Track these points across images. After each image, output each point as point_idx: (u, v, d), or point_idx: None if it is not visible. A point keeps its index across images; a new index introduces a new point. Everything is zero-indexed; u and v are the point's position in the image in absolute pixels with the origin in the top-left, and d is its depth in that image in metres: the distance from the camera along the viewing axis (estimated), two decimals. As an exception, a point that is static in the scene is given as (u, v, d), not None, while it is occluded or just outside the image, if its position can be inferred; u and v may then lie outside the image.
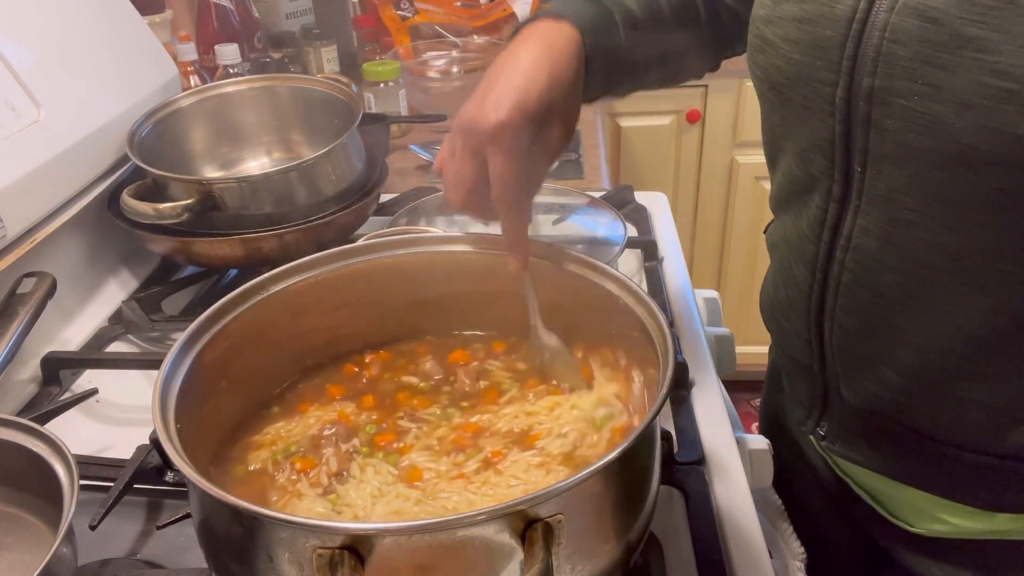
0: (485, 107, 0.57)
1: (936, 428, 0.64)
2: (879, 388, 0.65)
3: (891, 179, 0.57)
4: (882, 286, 0.61)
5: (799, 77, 0.60)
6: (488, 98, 0.57)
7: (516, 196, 0.58)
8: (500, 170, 0.57)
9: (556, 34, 0.62)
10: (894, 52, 0.53)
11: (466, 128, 0.58)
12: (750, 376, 1.50)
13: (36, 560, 0.52)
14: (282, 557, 0.45)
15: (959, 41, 0.50)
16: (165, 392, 0.53)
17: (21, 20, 0.94)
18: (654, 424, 0.52)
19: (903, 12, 0.52)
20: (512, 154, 0.57)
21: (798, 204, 0.66)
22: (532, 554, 0.42)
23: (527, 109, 0.57)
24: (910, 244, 0.58)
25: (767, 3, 0.62)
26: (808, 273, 0.66)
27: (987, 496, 0.66)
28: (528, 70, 0.59)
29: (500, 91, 0.58)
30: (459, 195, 0.59)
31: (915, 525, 0.72)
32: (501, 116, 0.56)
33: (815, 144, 0.61)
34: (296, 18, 1.74)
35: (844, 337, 0.66)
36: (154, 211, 0.90)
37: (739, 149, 2.09)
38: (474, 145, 0.57)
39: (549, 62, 0.60)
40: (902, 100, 0.54)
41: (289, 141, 1.13)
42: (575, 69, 0.62)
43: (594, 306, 0.63)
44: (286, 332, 0.66)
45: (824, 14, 0.57)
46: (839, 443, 0.72)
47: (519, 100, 0.57)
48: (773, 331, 0.78)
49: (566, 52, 0.62)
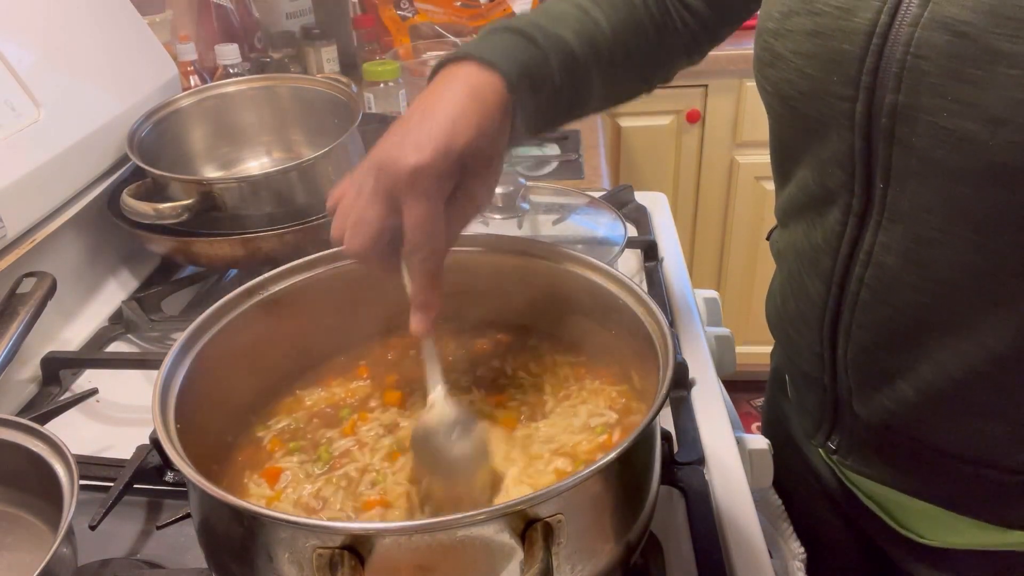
0: (405, 146, 0.51)
1: (953, 444, 0.63)
2: (894, 404, 0.64)
3: (915, 196, 0.55)
4: (902, 303, 0.59)
5: (813, 92, 0.58)
6: (409, 137, 0.52)
7: (434, 248, 0.52)
8: (417, 218, 0.51)
9: (484, 83, 0.56)
10: (920, 67, 0.51)
11: (380, 167, 0.52)
12: (750, 376, 1.50)
13: (36, 560, 0.52)
14: (282, 557, 0.45)
15: (991, 56, 0.48)
16: (165, 392, 0.53)
17: (21, 20, 0.94)
18: (654, 424, 0.52)
19: (930, 26, 0.50)
20: (432, 201, 0.51)
21: (812, 216, 0.65)
22: (532, 554, 0.42)
23: (452, 154, 0.51)
24: (934, 262, 0.56)
25: (775, 16, 0.60)
26: (823, 287, 0.65)
27: (1005, 513, 0.65)
28: (455, 111, 0.53)
29: (424, 131, 0.52)
30: (359, 242, 0.53)
31: (926, 537, 0.71)
32: (424, 158, 0.50)
33: (833, 158, 0.59)
34: (296, 18, 1.74)
35: (859, 353, 0.64)
36: (154, 211, 0.90)
37: (739, 149, 2.09)
38: (388, 187, 0.51)
39: (477, 108, 0.54)
40: (929, 116, 0.52)
41: (289, 141, 1.13)
42: (501, 122, 0.56)
43: (594, 306, 0.63)
44: (286, 332, 0.65)
45: (840, 27, 0.55)
46: (851, 457, 0.71)
47: (445, 143, 0.51)
48: (781, 341, 0.76)
49: (493, 104, 0.56)
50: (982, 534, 0.67)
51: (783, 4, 0.60)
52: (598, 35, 0.66)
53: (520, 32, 0.60)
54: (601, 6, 0.67)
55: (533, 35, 0.61)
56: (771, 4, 0.62)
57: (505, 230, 0.97)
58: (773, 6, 0.61)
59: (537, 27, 0.62)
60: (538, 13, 0.66)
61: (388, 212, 0.52)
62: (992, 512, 0.65)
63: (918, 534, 0.71)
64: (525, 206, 1.00)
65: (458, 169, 0.53)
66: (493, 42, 0.59)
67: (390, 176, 0.51)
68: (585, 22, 0.65)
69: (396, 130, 0.54)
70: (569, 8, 0.66)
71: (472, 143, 0.53)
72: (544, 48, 0.61)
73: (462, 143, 0.52)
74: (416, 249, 0.52)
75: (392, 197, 0.51)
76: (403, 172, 0.51)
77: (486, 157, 0.55)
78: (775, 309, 0.76)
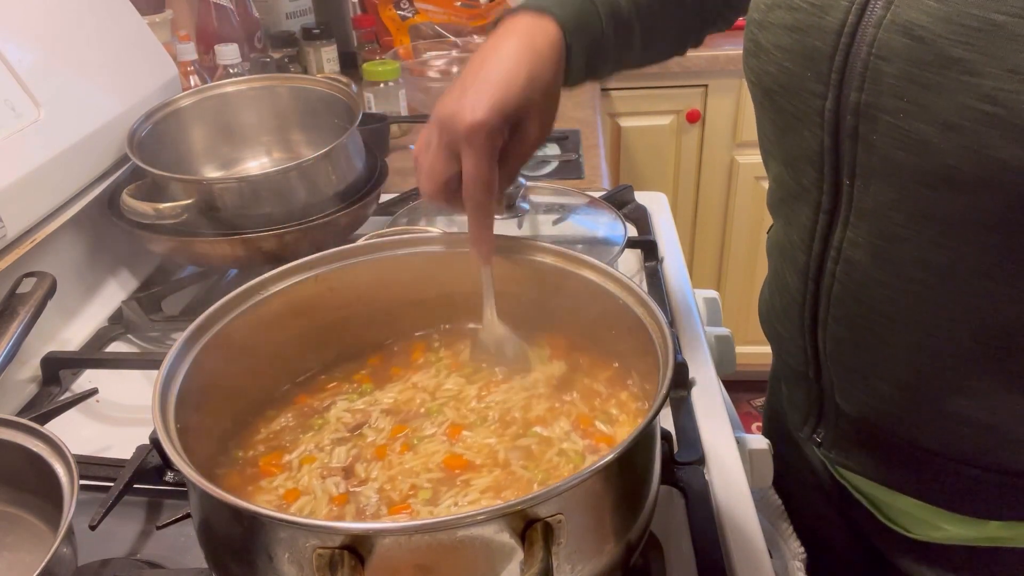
0: (463, 105, 0.57)
1: (929, 440, 0.64)
2: (872, 399, 0.65)
3: (879, 194, 0.56)
4: (872, 299, 0.61)
5: (791, 86, 0.60)
6: (466, 96, 0.58)
7: (485, 196, 0.59)
8: (472, 170, 0.57)
9: (538, 31, 0.62)
10: (880, 68, 0.52)
11: (443, 123, 0.58)
12: (750, 376, 1.50)
13: (36, 560, 0.52)
14: (282, 557, 0.45)
15: (944, 62, 0.49)
16: (165, 392, 0.53)
17: (21, 20, 0.94)
18: (654, 424, 0.52)
19: (890, 29, 0.52)
20: (484, 156, 0.57)
21: (788, 212, 0.66)
22: (532, 554, 0.42)
23: (504, 110, 0.57)
24: (899, 259, 0.57)
25: (761, 7, 0.62)
26: (800, 282, 0.66)
27: (980, 507, 0.66)
28: (508, 68, 0.59)
29: (479, 89, 0.58)
30: (430, 187, 0.60)
31: (912, 531, 0.72)
32: (478, 116, 0.56)
33: (805, 155, 0.61)
34: (296, 18, 1.74)
35: (837, 347, 0.65)
36: (154, 211, 0.90)
37: (739, 149, 2.09)
38: (448, 141, 0.58)
39: (529, 60, 0.60)
40: (888, 117, 0.53)
41: (289, 141, 1.13)
42: (555, 68, 0.62)
43: (594, 306, 0.63)
44: (286, 332, 0.65)
45: (814, 24, 0.56)
46: (835, 450, 0.72)
47: (497, 100, 0.57)
48: (770, 337, 0.78)
49: (547, 50, 0.62)
50: (962, 527, 0.68)
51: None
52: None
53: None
54: None
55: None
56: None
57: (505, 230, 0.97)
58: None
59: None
60: None
61: (451, 162, 0.59)
62: (969, 507, 0.66)
63: (903, 528, 0.72)
64: (525, 206, 1.00)
65: (512, 121, 0.59)
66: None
67: (449, 132, 0.58)
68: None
69: (458, 84, 0.60)
70: None
71: (522, 95, 0.59)
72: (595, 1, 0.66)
73: (514, 99, 0.58)
74: (471, 195, 0.58)
75: (452, 150, 0.58)
76: (460, 130, 0.57)
77: (540, 103, 0.61)
78: (764, 305, 0.77)
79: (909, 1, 0.51)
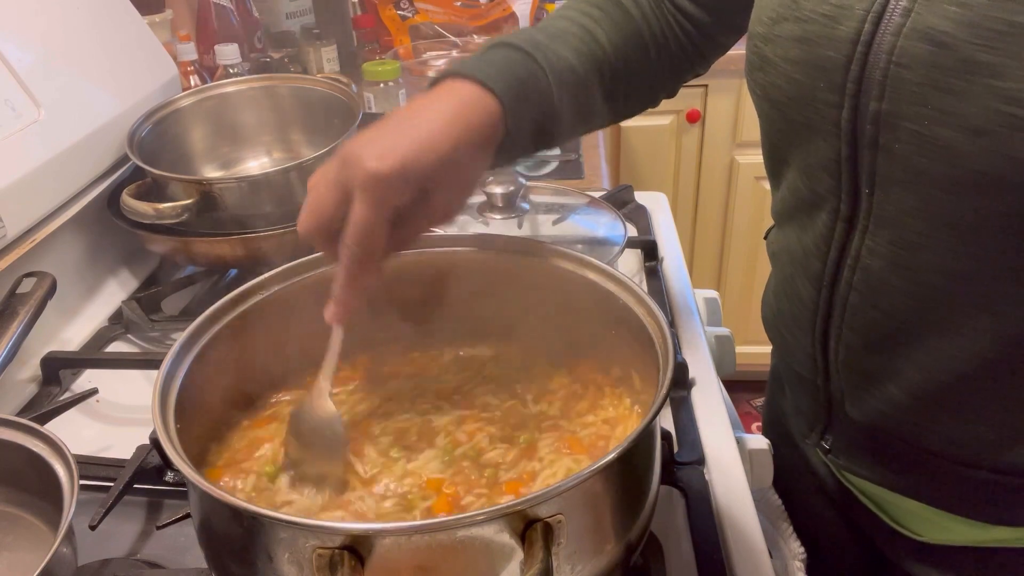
0: (371, 150, 0.52)
1: (941, 445, 0.64)
2: (884, 406, 0.64)
3: (900, 202, 0.56)
4: (890, 307, 0.60)
5: (801, 97, 0.59)
6: (378, 142, 0.53)
7: (364, 250, 0.53)
8: (358, 218, 0.52)
9: (474, 101, 0.57)
10: (901, 76, 0.52)
11: (345, 161, 0.53)
12: (750, 376, 1.50)
13: (36, 560, 0.52)
14: (282, 557, 0.45)
15: (969, 67, 0.49)
16: (165, 392, 0.53)
17: (21, 20, 0.94)
18: (654, 424, 0.52)
19: (911, 36, 0.51)
20: (376, 208, 0.52)
21: (802, 219, 0.65)
22: (532, 554, 0.42)
23: (411, 171, 0.52)
24: (919, 266, 0.57)
25: (765, 21, 0.61)
26: (814, 289, 0.65)
27: (992, 511, 0.65)
28: (432, 131, 0.54)
29: (394, 140, 0.53)
30: (310, 222, 0.55)
31: (921, 534, 0.71)
32: (382, 167, 0.51)
33: (820, 163, 0.60)
34: (296, 18, 1.74)
35: (849, 354, 0.65)
36: (154, 211, 0.90)
37: (739, 149, 2.09)
38: (344, 181, 0.53)
39: (458, 134, 0.55)
40: (910, 124, 0.52)
41: (289, 141, 1.13)
42: (484, 142, 0.57)
43: (593, 306, 0.63)
44: (286, 332, 0.65)
45: (826, 35, 0.55)
46: (843, 457, 0.71)
47: (408, 159, 0.52)
48: (776, 343, 0.77)
49: (478, 124, 0.56)
50: (972, 531, 0.67)
51: (772, 10, 0.60)
52: (598, 51, 0.67)
53: (517, 48, 0.61)
54: (601, 23, 0.68)
55: (531, 51, 0.61)
56: (761, 9, 0.62)
57: (505, 230, 0.97)
58: (763, 11, 0.61)
59: (535, 43, 0.62)
60: (537, 30, 0.66)
61: (341, 203, 0.53)
62: (980, 511, 0.66)
63: (913, 531, 0.72)
64: (525, 206, 1.00)
65: (417, 185, 0.53)
66: (489, 58, 0.60)
67: (349, 172, 0.52)
68: (585, 38, 0.66)
69: (376, 128, 0.55)
70: (568, 25, 0.67)
71: (437, 166, 0.53)
72: (542, 63, 0.61)
73: (426, 165, 0.53)
74: (350, 244, 0.53)
75: (346, 191, 0.53)
76: (359, 174, 0.52)
77: (452, 178, 0.55)
78: (770, 310, 0.76)
79: (930, 8, 0.50)
